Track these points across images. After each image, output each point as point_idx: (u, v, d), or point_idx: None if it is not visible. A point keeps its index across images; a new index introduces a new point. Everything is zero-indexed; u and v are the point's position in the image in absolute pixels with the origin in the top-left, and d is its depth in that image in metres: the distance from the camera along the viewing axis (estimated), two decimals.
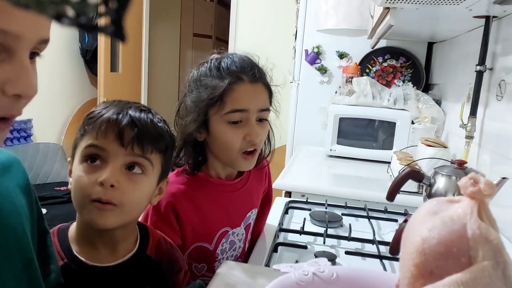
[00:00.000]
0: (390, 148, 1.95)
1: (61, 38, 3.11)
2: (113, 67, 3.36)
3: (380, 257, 0.96)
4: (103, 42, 3.11)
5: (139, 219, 0.78)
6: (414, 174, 0.96)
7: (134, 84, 3.71)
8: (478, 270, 0.37)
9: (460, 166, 0.93)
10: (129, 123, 0.66)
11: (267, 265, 0.90)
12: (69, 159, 0.73)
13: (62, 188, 2.66)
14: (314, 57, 2.34)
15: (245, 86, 0.83)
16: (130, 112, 0.68)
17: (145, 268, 0.72)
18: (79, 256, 0.68)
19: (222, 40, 6.15)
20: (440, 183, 0.92)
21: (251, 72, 0.84)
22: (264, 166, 1.04)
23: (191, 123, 0.84)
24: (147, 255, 0.73)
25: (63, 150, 2.98)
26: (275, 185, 1.54)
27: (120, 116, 0.67)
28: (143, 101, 3.83)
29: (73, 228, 0.72)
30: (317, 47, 2.32)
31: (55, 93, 3.04)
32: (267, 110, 0.88)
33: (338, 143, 2.04)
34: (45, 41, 0.43)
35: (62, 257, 0.67)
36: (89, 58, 3.35)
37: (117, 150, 0.66)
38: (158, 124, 0.71)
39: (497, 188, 0.90)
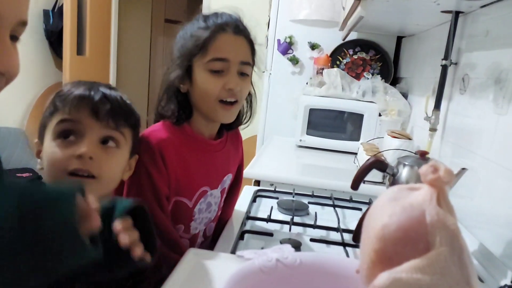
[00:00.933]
0: (358, 139, 1.99)
1: None
2: (80, 50, 3.23)
3: (343, 244, 0.98)
4: (68, 23, 2.99)
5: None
6: (378, 163, 0.98)
7: (102, 68, 3.59)
8: (435, 256, 0.38)
9: (422, 157, 0.95)
10: (102, 98, 0.70)
11: (233, 252, 0.91)
12: (36, 140, 0.73)
13: (24, 175, 2.57)
14: (286, 47, 2.34)
15: (227, 36, 0.86)
16: (101, 89, 0.71)
17: None
18: None
19: None
20: (403, 173, 0.94)
21: (234, 24, 0.87)
22: (238, 133, 1.09)
23: (176, 70, 0.87)
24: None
25: (25, 135, 2.87)
26: (244, 174, 1.54)
27: (92, 92, 0.70)
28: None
29: None
30: (290, 37, 2.32)
31: (18, 76, 2.90)
32: (249, 64, 0.90)
33: (307, 133, 2.06)
34: (23, 24, 0.44)
35: None
36: (54, 40, 3.21)
37: (92, 124, 0.68)
38: (127, 101, 0.75)
39: (456, 178, 0.93)
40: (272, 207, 1.18)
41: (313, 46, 2.31)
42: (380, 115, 1.95)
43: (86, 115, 0.68)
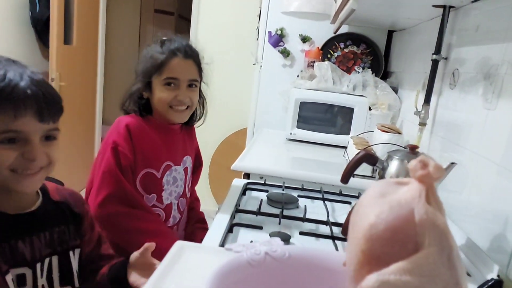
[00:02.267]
0: (348, 133, 1.99)
1: (9, 5, 2.90)
2: (67, 40, 3.17)
3: (333, 237, 0.98)
4: (56, 11, 2.92)
5: None
6: (368, 157, 0.98)
7: (89, 58, 3.53)
8: (423, 257, 0.37)
9: (412, 151, 0.96)
10: (45, 96, 0.70)
11: (222, 245, 0.90)
12: None
13: None
14: (277, 40, 2.32)
15: (178, 60, 1.11)
16: (35, 79, 0.70)
17: (56, 209, 0.82)
18: None
19: (184, 18, 5.99)
20: (393, 166, 0.94)
21: (184, 50, 1.12)
22: (191, 126, 1.31)
23: (138, 84, 1.14)
24: (52, 199, 0.82)
25: None
26: (234, 167, 1.53)
27: (34, 89, 0.68)
28: (99, 76, 3.67)
29: None
30: (281, 30, 2.30)
31: None
32: (196, 80, 1.16)
33: (298, 127, 2.06)
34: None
35: None
36: (41, 28, 3.14)
37: (36, 127, 0.70)
38: (53, 88, 0.76)
39: (446, 173, 0.93)
40: (261, 200, 1.18)
41: (304, 39, 2.30)
42: (370, 109, 1.95)
43: (30, 120, 0.69)
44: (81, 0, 3.22)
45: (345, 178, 1.00)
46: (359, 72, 2.13)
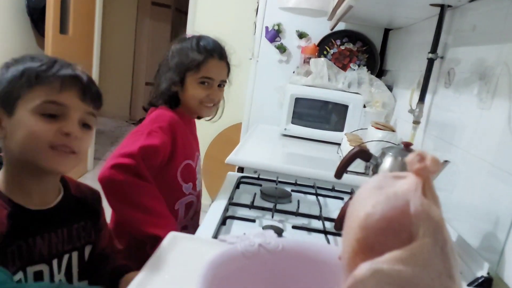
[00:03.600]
0: (342, 130, 1.99)
1: None
2: (63, 29, 3.14)
3: (325, 232, 0.99)
4: (52, 0, 2.89)
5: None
6: (363, 153, 0.98)
7: (85, 48, 3.50)
8: (417, 247, 0.37)
9: (406, 148, 0.96)
10: (89, 80, 0.75)
11: (215, 237, 0.90)
12: None
13: None
14: (274, 35, 2.32)
15: (215, 61, 1.17)
16: (79, 68, 0.76)
17: (75, 206, 0.82)
18: (21, 204, 0.71)
19: (181, 11, 5.96)
20: (386, 163, 0.95)
21: (219, 52, 1.19)
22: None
23: (172, 78, 1.16)
24: (73, 195, 0.82)
25: None
26: (228, 160, 1.53)
27: (79, 72, 0.74)
28: (95, 66, 3.64)
29: None
30: (278, 25, 2.30)
31: None
32: (225, 81, 1.24)
33: (292, 123, 2.06)
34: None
35: (5, 207, 0.69)
36: (37, 17, 3.11)
37: (78, 106, 0.73)
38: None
39: (439, 170, 0.94)
40: (255, 194, 1.18)
41: (301, 35, 2.30)
42: (364, 106, 1.96)
43: (73, 96, 0.72)
44: None
45: (339, 173, 1.01)
46: (354, 70, 2.14)
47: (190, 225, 1.22)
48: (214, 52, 1.17)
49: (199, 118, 1.30)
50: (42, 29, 3.06)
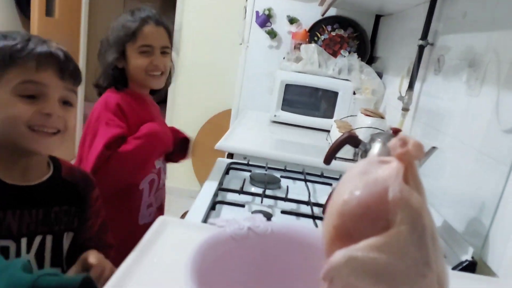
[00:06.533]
0: (331, 117, 2.00)
1: None
2: (49, 11, 3.07)
3: (313, 217, 1.00)
4: None
5: None
6: (352, 139, 0.99)
7: (72, 31, 3.43)
8: (393, 234, 0.36)
9: (396, 134, 0.97)
10: (65, 57, 0.73)
11: (204, 221, 0.90)
12: None
13: None
14: (265, 20, 2.30)
15: (150, 27, 1.14)
16: (55, 45, 0.74)
17: (63, 189, 0.80)
18: None
19: None
20: (375, 149, 0.95)
21: (156, 18, 1.16)
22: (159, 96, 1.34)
23: (113, 54, 1.14)
24: (63, 178, 0.81)
25: None
26: (218, 146, 1.53)
27: (55, 49, 0.72)
28: (82, 49, 3.57)
29: None
30: (268, 10, 2.28)
31: None
32: (168, 47, 1.19)
33: (282, 109, 2.06)
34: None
35: None
36: None
37: (56, 84, 0.71)
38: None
39: (426, 157, 0.95)
40: (244, 180, 1.18)
41: (292, 20, 2.28)
42: (354, 93, 1.96)
43: (51, 75, 0.71)
44: None
45: (328, 159, 1.01)
46: (345, 56, 2.13)
47: (153, 202, 1.24)
48: (149, 18, 1.15)
49: (153, 94, 1.27)
50: (28, 12, 2.99)
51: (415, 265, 0.37)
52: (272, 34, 2.30)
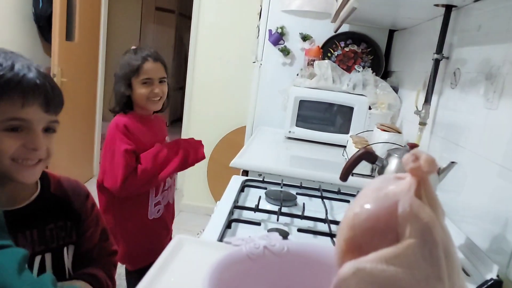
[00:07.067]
0: (347, 132, 1.98)
1: (13, 1, 2.89)
2: (69, 36, 3.16)
3: (331, 235, 0.98)
4: (58, 8, 2.92)
5: None
6: (368, 155, 0.98)
7: (91, 54, 3.52)
8: (402, 248, 0.37)
9: (412, 149, 0.95)
10: (51, 88, 0.72)
11: (220, 240, 0.90)
12: None
13: None
14: (278, 38, 2.32)
15: (150, 63, 1.45)
16: (41, 71, 0.72)
17: (55, 204, 0.80)
18: None
19: (185, 16, 5.99)
20: (392, 164, 0.94)
21: (154, 56, 1.47)
22: (161, 118, 1.67)
23: (122, 86, 1.45)
24: (52, 193, 0.81)
25: None
26: (233, 163, 1.53)
27: (41, 80, 0.71)
28: (100, 73, 3.66)
29: None
30: (281, 28, 2.30)
31: None
32: (164, 77, 1.50)
33: (297, 125, 2.06)
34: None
35: None
36: (43, 24, 3.14)
37: (41, 117, 0.72)
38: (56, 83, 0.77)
39: (445, 172, 0.93)
40: (260, 197, 1.17)
41: (305, 38, 2.30)
42: (370, 108, 1.95)
43: (36, 109, 0.71)
44: None
45: (344, 176, 1.00)
46: (359, 71, 2.13)
47: (160, 200, 1.54)
48: (149, 56, 1.45)
49: (156, 113, 1.57)
50: (49, 36, 3.08)
51: (425, 279, 0.36)
52: (285, 52, 2.32)
